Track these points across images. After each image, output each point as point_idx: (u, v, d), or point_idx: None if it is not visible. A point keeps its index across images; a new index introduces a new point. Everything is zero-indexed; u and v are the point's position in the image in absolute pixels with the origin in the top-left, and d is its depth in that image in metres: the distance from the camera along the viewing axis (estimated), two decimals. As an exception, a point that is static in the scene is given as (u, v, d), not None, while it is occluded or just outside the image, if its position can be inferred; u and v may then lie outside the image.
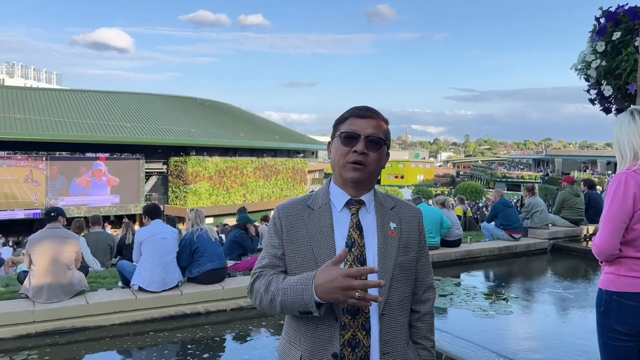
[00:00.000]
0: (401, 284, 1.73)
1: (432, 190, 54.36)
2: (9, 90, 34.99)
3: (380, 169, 1.77)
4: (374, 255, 1.70)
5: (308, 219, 1.74)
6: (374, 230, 1.73)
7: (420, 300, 1.84)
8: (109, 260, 8.31)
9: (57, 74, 74.77)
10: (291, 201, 1.83)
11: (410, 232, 1.79)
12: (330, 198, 1.77)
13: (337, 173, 1.76)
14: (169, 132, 33.78)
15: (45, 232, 5.56)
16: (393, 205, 1.82)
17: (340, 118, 1.78)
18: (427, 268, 1.86)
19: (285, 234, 1.74)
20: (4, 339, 4.90)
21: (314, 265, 1.67)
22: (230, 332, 5.68)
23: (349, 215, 1.73)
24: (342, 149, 1.71)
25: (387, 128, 1.78)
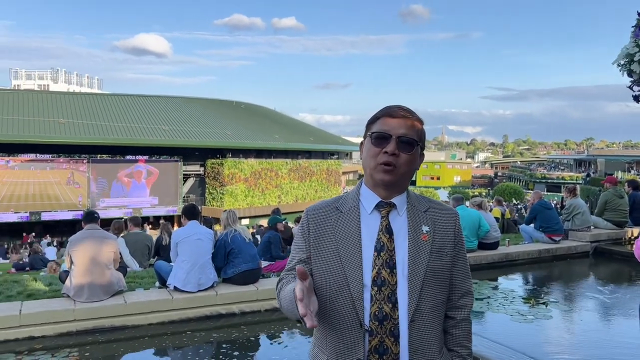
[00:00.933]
0: (434, 289, 1.67)
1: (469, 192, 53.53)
2: (53, 96, 36.27)
3: (414, 170, 1.72)
4: (404, 260, 1.65)
5: (336, 221, 1.71)
6: (405, 234, 1.68)
7: (455, 307, 1.78)
8: (147, 261, 8.48)
9: (99, 79, 76.98)
10: (320, 203, 1.80)
11: (444, 236, 1.73)
12: (360, 200, 1.74)
13: (368, 174, 1.72)
14: (206, 135, 34.33)
15: (84, 233, 5.72)
16: (427, 207, 1.76)
17: (372, 118, 1.73)
18: (464, 273, 1.79)
19: (313, 236, 1.72)
20: (46, 336, 5.04)
21: (340, 269, 1.65)
22: (265, 333, 5.70)
23: (379, 218, 1.69)
24: (372, 149, 1.67)
25: (421, 128, 1.72)
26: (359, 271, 1.63)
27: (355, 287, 1.62)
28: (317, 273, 1.69)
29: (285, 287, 1.70)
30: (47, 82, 66.84)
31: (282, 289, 1.72)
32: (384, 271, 1.62)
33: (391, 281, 1.61)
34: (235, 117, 40.32)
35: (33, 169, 29.87)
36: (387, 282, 1.61)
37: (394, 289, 1.61)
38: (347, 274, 1.63)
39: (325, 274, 1.67)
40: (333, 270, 1.66)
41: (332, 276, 1.66)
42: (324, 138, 46.04)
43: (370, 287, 1.62)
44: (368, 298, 1.61)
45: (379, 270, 1.62)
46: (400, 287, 1.62)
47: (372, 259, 1.63)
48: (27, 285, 6.37)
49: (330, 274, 1.66)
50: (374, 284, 1.61)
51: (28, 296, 5.84)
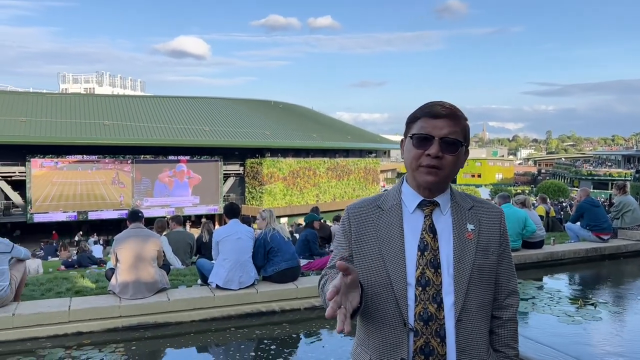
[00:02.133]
0: (480, 288, 1.63)
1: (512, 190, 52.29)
2: (98, 98, 37.46)
3: (457, 170, 1.67)
4: (449, 259, 1.61)
5: (377, 219, 1.68)
6: (449, 233, 1.64)
7: (501, 306, 1.73)
8: (189, 259, 8.64)
9: (142, 81, 79.00)
10: (361, 201, 1.78)
11: (490, 234, 1.68)
12: (402, 198, 1.70)
13: (410, 175, 1.69)
14: (245, 135, 34.75)
15: (129, 231, 5.87)
16: (471, 205, 1.72)
17: (412, 117, 1.68)
18: (509, 272, 1.75)
19: (354, 235, 1.70)
20: (93, 332, 5.20)
21: (383, 267, 1.62)
22: (306, 331, 5.72)
23: (422, 217, 1.65)
24: (414, 151, 1.62)
25: (465, 125, 1.66)
26: (403, 270, 1.60)
27: (399, 286, 1.59)
28: (359, 271, 1.66)
29: (327, 284, 1.68)
30: (92, 86, 69.06)
31: (324, 285, 1.71)
32: (428, 271, 1.59)
33: (436, 281, 1.58)
34: (273, 117, 40.64)
35: (80, 170, 30.90)
36: (432, 281, 1.58)
37: (439, 289, 1.58)
38: (390, 272, 1.61)
39: (367, 272, 1.65)
40: (375, 269, 1.63)
41: (374, 275, 1.63)
42: (361, 136, 45.86)
43: (414, 286, 1.59)
44: (412, 297, 1.59)
45: (423, 269, 1.59)
46: (446, 287, 1.59)
47: (416, 258, 1.60)
48: (76, 282, 6.58)
49: (373, 273, 1.63)
50: (418, 284, 1.58)
51: (76, 293, 6.03)
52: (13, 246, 5.43)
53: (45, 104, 33.03)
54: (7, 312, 5.02)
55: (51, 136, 29.31)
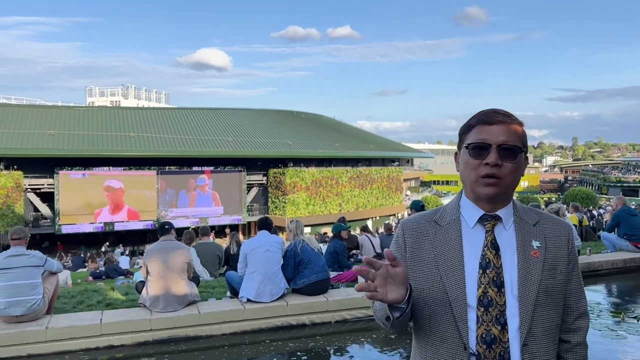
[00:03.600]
0: (547, 310, 1.53)
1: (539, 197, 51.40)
2: (124, 111, 38.06)
3: (519, 179, 1.57)
4: (513, 278, 1.51)
5: (434, 235, 1.59)
6: (513, 250, 1.54)
7: (570, 329, 1.62)
8: (217, 270, 8.61)
9: (166, 93, 79.98)
10: (416, 216, 1.69)
11: (557, 251, 1.58)
12: (460, 212, 1.60)
13: (468, 188, 1.58)
14: (268, 145, 34.91)
15: (159, 244, 5.85)
16: (537, 220, 1.61)
17: (465, 126, 1.59)
18: (578, 292, 1.63)
19: (409, 251, 1.61)
20: (125, 345, 5.18)
21: (440, 286, 1.53)
22: (338, 344, 5.61)
23: (483, 233, 1.55)
24: (471, 161, 1.53)
25: (522, 131, 1.57)
26: (462, 290, 1.51)
27: (458, 307, 1.50)
28: (415, 290, 1.57)
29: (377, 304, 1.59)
30: (118, 99, 70.31)
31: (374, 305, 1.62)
32: (491, 290, 1.49)
33: (499, 301, 1.48)
34: (295, 127, 40.76)
35: (106, 182, 31.36)
36: (495, 302, 1.48)
37: (503, 310, 1.48)
38: (449, 292, 1.51)
39: (423, 291, 1.56)
40: (433, 288, 1.54)
41: (431, 294, 1.54)
42: (383, 145, 45.67)
43: (475, 307, 1.49)
44: (473, 319, 1.49)
45: (485, 289, 1.49)
46: (510, 308, 1.49)
47: (477, 276, 1.51)
48: (106, 294, 6.59)
49: (430, 292, 1.55)
50: (480, 304, 1.49)
51: (107, 305, 6.04)
52: (46, 259, 5.46)
53: (73, 117, 33.69)
54: (41, 325, 5.03)
55: (78, 149, 29.86)
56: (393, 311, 1.44)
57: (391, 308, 1.43)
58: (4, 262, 5.15)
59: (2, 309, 5.00)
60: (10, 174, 28.46)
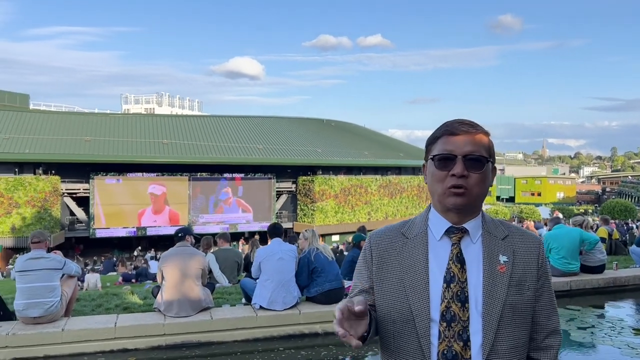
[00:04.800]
0: (513, 327, 1.48)
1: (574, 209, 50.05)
2: (158, 118, 38.91)
3: (487, 190, 1.55)
4: (478, 294, 1.48)
5: (401, 248, 1.57)
6: (479, 264, 1.51)
7: (540, 347, 1.57)
8: (236, 277, 8.68)
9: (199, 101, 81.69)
10: (385, 228, 1.67)
11: (526, 266, 1.54)
12: (428, 225, 1.58)
13: (436, 200, 1.56)
14: (297, 153, 35.12)
15: (175, 249, 5.95)
16: (506, 234, 1.57)
17: (431, 138, 1.57)
18: (549, 309, 1.58)
19: (376, 264, 1.59)
20: (139, 349, 5.27)
21: (405, 300, 1.51)
22: (353, 354, 5.57)
23: (449, 246, 1.53)
24: (437, 173, 1.51)
25: (488, 141, 1.55)
26: (426, 304, 1.48)
27: (421, 322, 1.48)
28: (380, 305, 1.56)
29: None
30: (152, 106, 71.99)
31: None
32: (454, 305, 1.46)
33: (462, 317, 1.45)
34: (325, 135, 40.88)
35: (140, 187, 32.08)
36: (458, 317, 1.45)
37: (466, 326, 1.45)
38: (412, 307, 1.49)
39: (388, 306, 1.54)
40: (397, 303, 1.52)
41: (395, 309, 1.52)
42: (414, 154, 45.29)
43: (438, 322, 1.47)
44: (436, 334, 1.46)
45: (449, 303, 1.46)
46: (473, 324, 1.46)
47: (441, 290, 1.48)
48: (125, 298, 6.74)
49: (394, 307, 1.53)
50: (443, 319, 1.46)
51: (124, 309, 6.16)
52: (65, 262, 5.61)
53: (109, 124, 34.63)
54: (57, 327, 5.17)
55: (113, 155, 30.68)
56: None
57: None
58: (23, 265, 5.33)
59: (21, 310, 5.17)
60: (48, 179, 29.40)
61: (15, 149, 29.04)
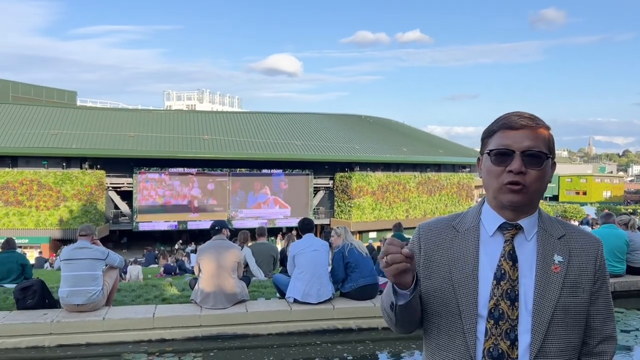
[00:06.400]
0: (564, 330, 1.43)
1: (622, 209, 48.23)
2: (199, 115, 39.63)
3: (545, 186, 1.49)
4: (529, 293, 1.43)
5: (451, 241, 1.53)
6: (532, 263, 1.46)
7: (592, 353, 1.52)
8: (272, 271, 8.76)
9: (239, 98, 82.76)
10: (435, 220, 1.63)
11: (582, 268, 1.48)
12: (481, 219, 1.53)
13: (490, 195, 1.51)
14: (335, 149, 35.12)
15: (211, 242, 6.06)
16: (562, 233, 1.51)
17: (488, 131, 1.51)
18: (605, 314, 1.52)
19: (424, 256, 1.56)
20: (175, 339, 5.39)
21: (452, 295, 1.47)
22: (389, 349, 5.55)
23: (502, 242, 1.48)
24: (494, 169, 1.45)
25: (548, 135, 1.48)
26: (474, 300, 1.45)
27: (468, 318, 1.45)
28: (426, 298, 1.53)
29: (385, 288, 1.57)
30: (194, 102, 73.36)
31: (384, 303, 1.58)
32: (503, 303, 1.42)
33: (511, 315, 1.41)
34: (363, 131, 40.71)
35: (181, 182, 32.79)
36: (507, 315, 1.41)
37: (514, 325, 1.41)
38: (460, 301, 1.46)
39: (435, 299, 1.51)
40: (443, 296, 1.49)
41: (442, 303, 1.50)
42: (454, 150, 44.59)
43: (485, 318, 1.43)
44: (482, 331, 1.43)
45: (497, 301, 1.42)
46: (522, 324, 1.42)
47: (491, 287, 1.44)
48: (164, 289, 6.90)
49: (441, 300, 1.50)
50: (490, 316, 1.42)
51: (163, 300, 6.31)
52: (108, 254, 5.80)
53: (151, 120, 35.49)
54: (99, 316, 5.36)
55: (156, 150, 31.43)
56: (398, 299, 1.42)
57: (396, 295, 1.42)
58: (68, 254, 5.54)
59: (65, 297, 5.38)
60: (94, 173, 30.40)
61: (63, 144, 30.14)
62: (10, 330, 5.08)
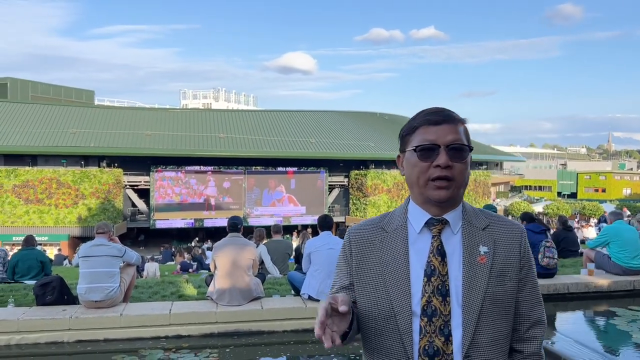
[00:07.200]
0: (494, 319, 1.45)
1: (641, 206, 47.37)
2: (215, 113, 39.89)
3: (468, 179, 1.50)
4: (459, 286, 1.44)
5: (381, 243, 1.53)
6: (460, 256, 1.46)
7: (523, 339, 1.54)
8: (287, 268, 8.79)
9: (254, 96, 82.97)
10: (364, 222, 1.63)
11: (507, 257, 1.49)
12: (407, 217, 1.53)
13: (416, 192, 1.50)
14: (349, 147, 35.08)
15: (227, 240, 6.10)
16: (487, 224, 1.52)
17: (408, 128, 1.52)
18: (533, 299, 1.54)
19: (355, 260, 1.55)
20: (192, 336, 5.44)
21: (385, 297, 1.47)
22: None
23: (430, 238, 1.48)
24: (420, 165, 1.45)
25: (465, 128, 1.51)
26: (407, 300, 1.45)
27: (403, 318, 1.44)
28: (361, 302, 1.52)
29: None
30: (210, 101, 73.79)
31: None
32: (435, 299, 1.42)
33: (444, 311, 1.42)
34: (378, 128, 40.58)
35: (197, 181, 33.03)
36: (439, 312, 1.42)
37: (447, 320, 1.42)
38: (394, 302, 1.46)
39: (369, 302, 1.50)
40: (378, 299, 1.49)
41: (377, 305, 1.49)
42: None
43: (420, 317, 1.43)
44: (417, 330, 1.43)
45: (429, 298, 1.43)
46: (455, 318, 1.42)
47: (422, 284, 1.44)
48: (180, 286, 6.96)
49: (375, 303, 1.49)
50: (424, 314, 1.42)
51: (179, 297, 6.37)
52: (125, 251, 5.86)
53: (168, 119, 35.80)
54: (116, 312, 5.42)
55: (172, 148, 31.71)
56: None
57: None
58: (86, 251, 5.62)
59: (83, 294, 5.46)
60: (112, 171, 30.76)
61: (81, 142, 30.56)
62: (30, 325, 5.17)
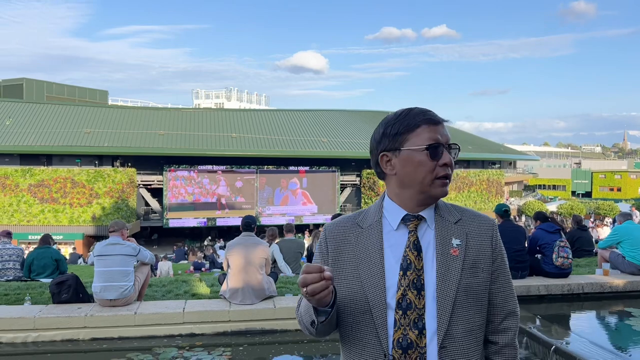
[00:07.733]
0: (467, 311, 1.47)
1: (658, 205, 46.65)
2: (227, 113, 40.06)
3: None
4: (433, 280, 1.46)
5: (356, 239, 1.55)
6: (433, 249, 1.49)
7: (497, 330, 1.56)
8: (299, 267, 8.80)
9: (266, 96, 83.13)
10: (340, 219, 1.65)
11: (479, 249, 1.52)
12: (383, 214, 1.56)
13: (416, 191, 1.51)
14: (361, 146, 35.02)
15: (240, 239, 6.12)
16: (459, 217, 1.56)
17: (407, 126, 1.52)
18: (506, 291, 1.57)
19: (331, 256, 1.57)
20: (205, 334, 5.46)
21: (361, 292, 1.49)
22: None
23: (406, 234, 1.51)
24: (429, 164, 1.48)
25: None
26: (382, 294, 1.47)
27: (378, 312, 1.46)
28: (338, 297, 1.52)
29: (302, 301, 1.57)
30: (222, 101, 74.04)
31: (300, 305, 1.60)
32: (410, 293, 1.44)
33: (418, 304, 1.44)
34: (391, 127, 40.48)
35: (209, 180, 33.21)
36: (414, 305, 1.44)
37: (422, 314, 1.44)
38: (369, 297, 1.48)
39: (345, 297, 1.52)
40: (354, 294, 1.50)
41: (353, 300, 1.51)
42: (483, 146, 43.96)
43: (394, 310, 1.45)
44: (392, 323, 1.45)
45: (405, 291, 1.44)
46: (429, 311, 1.44)
47: (398, 278, 1.46)
48: (194, 285, 6.99)
49: (351, 298, 1.51)
50: (399, 307, 1.44)
51: (193, 295, 6.40)
52: (139, 250, 5.90)
53: (181, 119, 36.03)
54: (130, 310, 5.46)
55: (185, 148, 31.91)
56: (318, 315, 1.42)
57: (316, 312, 1.42)
58: (101, 250, 5.67)
59: (98, 292, 5.51)
60: (125, 171, 31.04)
61: (95, 142, 30.86)
62: (46, 323, 5.23)
